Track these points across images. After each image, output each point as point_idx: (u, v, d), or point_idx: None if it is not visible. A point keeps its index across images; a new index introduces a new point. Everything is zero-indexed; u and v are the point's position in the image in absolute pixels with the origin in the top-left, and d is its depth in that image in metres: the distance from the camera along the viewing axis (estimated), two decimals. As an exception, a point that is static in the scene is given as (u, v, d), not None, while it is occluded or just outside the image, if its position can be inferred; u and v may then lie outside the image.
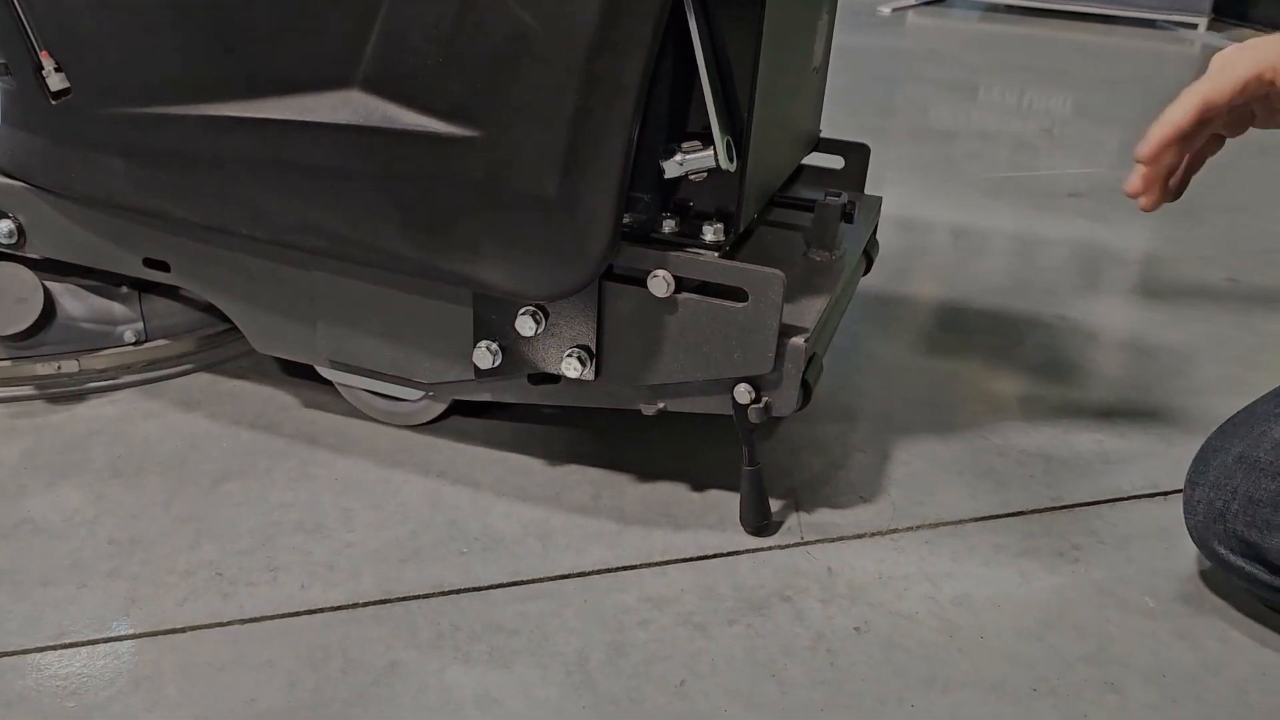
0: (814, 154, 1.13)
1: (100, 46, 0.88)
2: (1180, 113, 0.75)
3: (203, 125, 0.86)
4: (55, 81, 0.91)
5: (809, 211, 1.03)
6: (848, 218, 0.97)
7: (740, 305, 0.79)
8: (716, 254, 0.80)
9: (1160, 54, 3.31)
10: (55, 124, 0.93)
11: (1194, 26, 3.39)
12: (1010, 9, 3.70)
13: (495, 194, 0.78)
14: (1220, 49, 0.77)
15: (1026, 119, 2.43)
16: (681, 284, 0.81)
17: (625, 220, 0.82)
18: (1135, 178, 0.79)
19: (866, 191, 1.20)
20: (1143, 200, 0.80)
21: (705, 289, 0.81)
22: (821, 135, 1.14)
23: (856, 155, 1.15)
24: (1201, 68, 3.18)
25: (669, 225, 0.81)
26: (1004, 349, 1.25)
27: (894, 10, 3.77)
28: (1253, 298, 1.44)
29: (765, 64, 0.79)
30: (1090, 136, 2.28)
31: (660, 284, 0.80)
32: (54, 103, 0.92)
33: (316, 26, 0.80)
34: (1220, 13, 3.50)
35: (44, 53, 0.91)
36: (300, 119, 0.82)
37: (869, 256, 1.10)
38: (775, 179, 0.98)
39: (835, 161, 1.15)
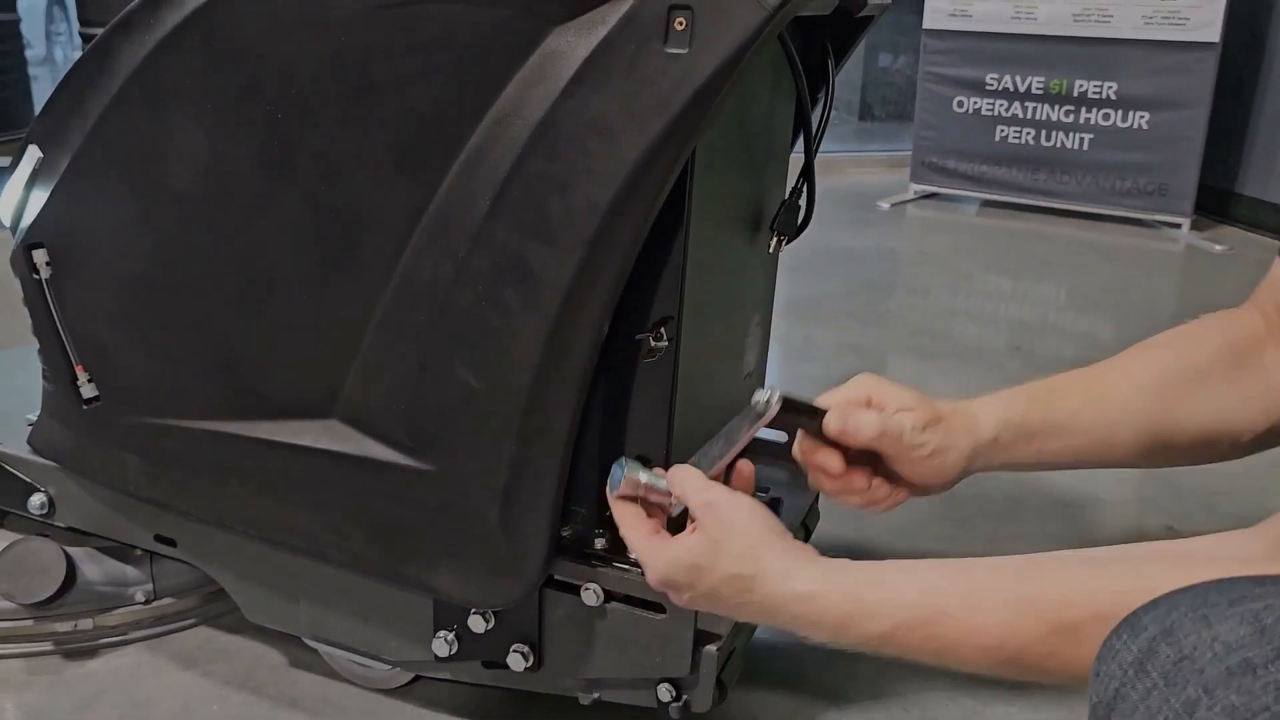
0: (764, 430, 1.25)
1: (126, 366, 1.04)
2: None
3: (207, 438, 1.01)
4: (87, 390, 1.06)
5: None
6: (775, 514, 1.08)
7: (660, 616, 0.91)
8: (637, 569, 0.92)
9: (1147, 251, 3.47)
10: (84, 423, 1.08)
11: (1178, 226, 3.56)
12: (1005, 205, 3.89)
13: (446, 518, 0.91)
14: (1203, 249, 0.71)
15: (998, 332, 2.57)
16: (610, 594, 0.93)
17: (564, 532, 0.94)
18: None
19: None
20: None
21: (630, 599, 0.93)
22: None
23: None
24: (1185, 266, 3.33)
25: (600, 542, 0.94)
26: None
27: (893, 205, 3.97)
28: (1186, 546, 1.53)
29: (682, 416, 0.92)
30: (1055, 353, 2.40)
31: (591, 595, 0.92)
32: (85, 407, 1.07)
33: (305, 367, 0.95)
34: (1203, 210, 3.67)
35: (79, 366, 1.06)
36: (289, 441, 0.97)
37: (807, 529, 1.22)
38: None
39: (780, 436, 1.27)
